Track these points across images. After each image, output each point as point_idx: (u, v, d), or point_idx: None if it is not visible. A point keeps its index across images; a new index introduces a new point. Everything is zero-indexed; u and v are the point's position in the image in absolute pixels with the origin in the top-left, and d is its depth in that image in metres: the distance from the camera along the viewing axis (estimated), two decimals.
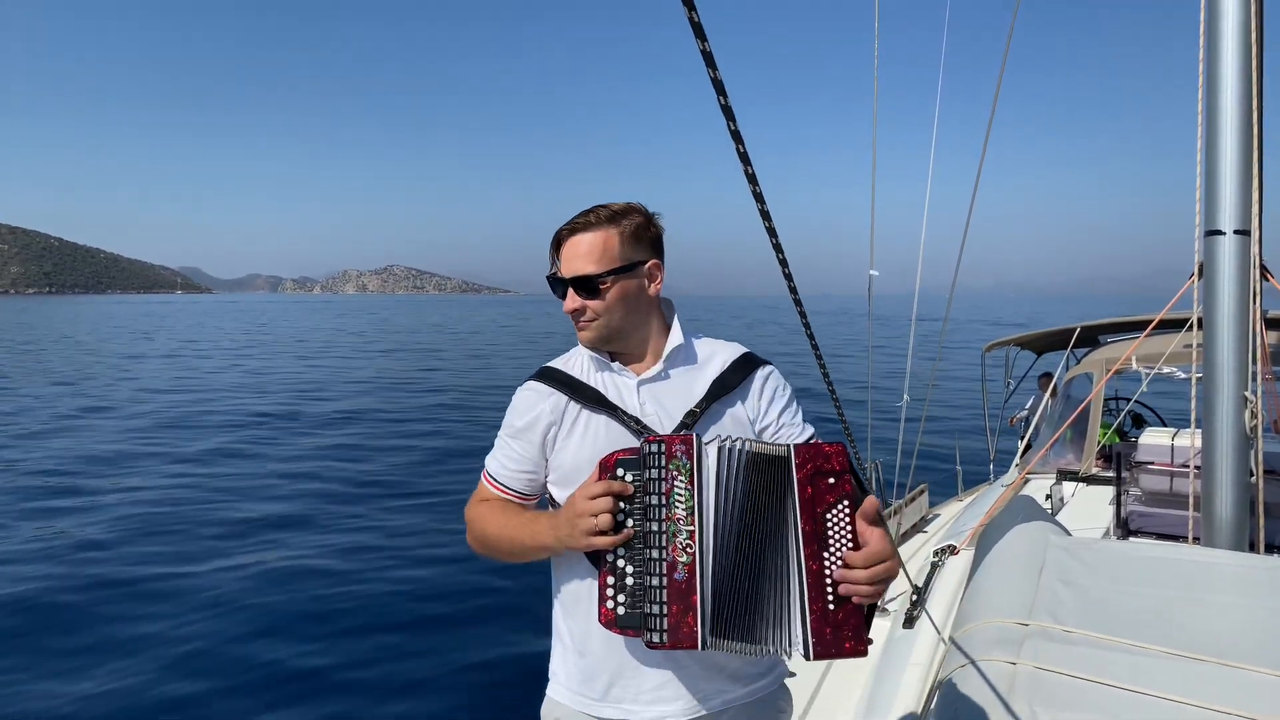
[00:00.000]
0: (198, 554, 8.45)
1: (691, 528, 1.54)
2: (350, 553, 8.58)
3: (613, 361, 1.80)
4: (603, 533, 1.55)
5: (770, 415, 1.84)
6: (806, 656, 1.53)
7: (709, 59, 0.84)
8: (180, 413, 18.40)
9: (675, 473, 1.55)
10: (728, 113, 0.93)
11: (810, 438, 1.86)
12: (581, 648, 1.76)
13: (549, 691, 1.84)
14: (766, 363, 1.89)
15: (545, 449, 1.78)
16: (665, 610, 1.53)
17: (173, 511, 10.06)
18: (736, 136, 0.98)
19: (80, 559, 8.21)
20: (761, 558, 1.57)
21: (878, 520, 1.55)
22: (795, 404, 1.89)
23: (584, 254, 1.72)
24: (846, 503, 1.56)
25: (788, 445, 1.59)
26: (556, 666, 1.84)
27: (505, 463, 1.81)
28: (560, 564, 1.80)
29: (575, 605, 1.76)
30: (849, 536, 1.55)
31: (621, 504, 1.58)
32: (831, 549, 1.55)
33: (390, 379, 26.15)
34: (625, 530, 1.55)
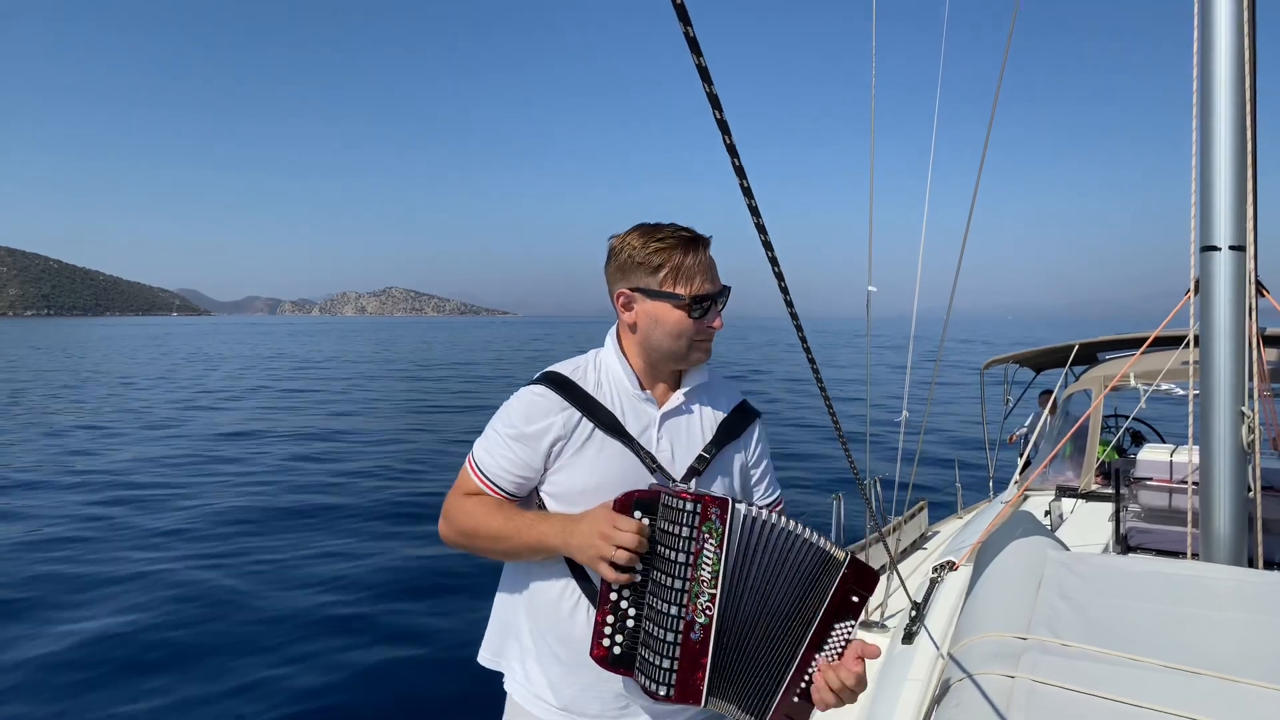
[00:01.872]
0: None
1: (714, 591, 1.56)
2: None
3: (643, 389, 1.79)
4: (618, 567, 1.56)
5: (758, 469, 1.90)
6: None
7: (704, 73, 0.85)
8: None
9: (707, 535, 1.56)
10: (723, 126, 0.94)
11: (778, 496, 1.95)
12: (549, 658, 1.75)
13: (507, 687, 1.84)
14: (759, 413, 1.95)
15: (546, 460, 1.74)
16: (675, 666, 1.57)
17: None
18: (731, 150, 0.98)
19: None
20: (773, 634, 1.59)
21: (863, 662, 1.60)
22: (770, 461, 1.96)
23: (717, 270, 1.77)
24: (853, 623, 1.61)
25: (849, 552, 1.61)
26: (514, 664, 1.82)
27: (501, 462, 1.75)
28: (534, 569, 1.78)
29: (552, 616, 1.75)
30: (839, 652, 1.60)
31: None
32: (824, 653, 1.60)
33: None
34: (631, 574, 1.57)
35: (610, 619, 1.60)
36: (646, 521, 1.57)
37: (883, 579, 4.68)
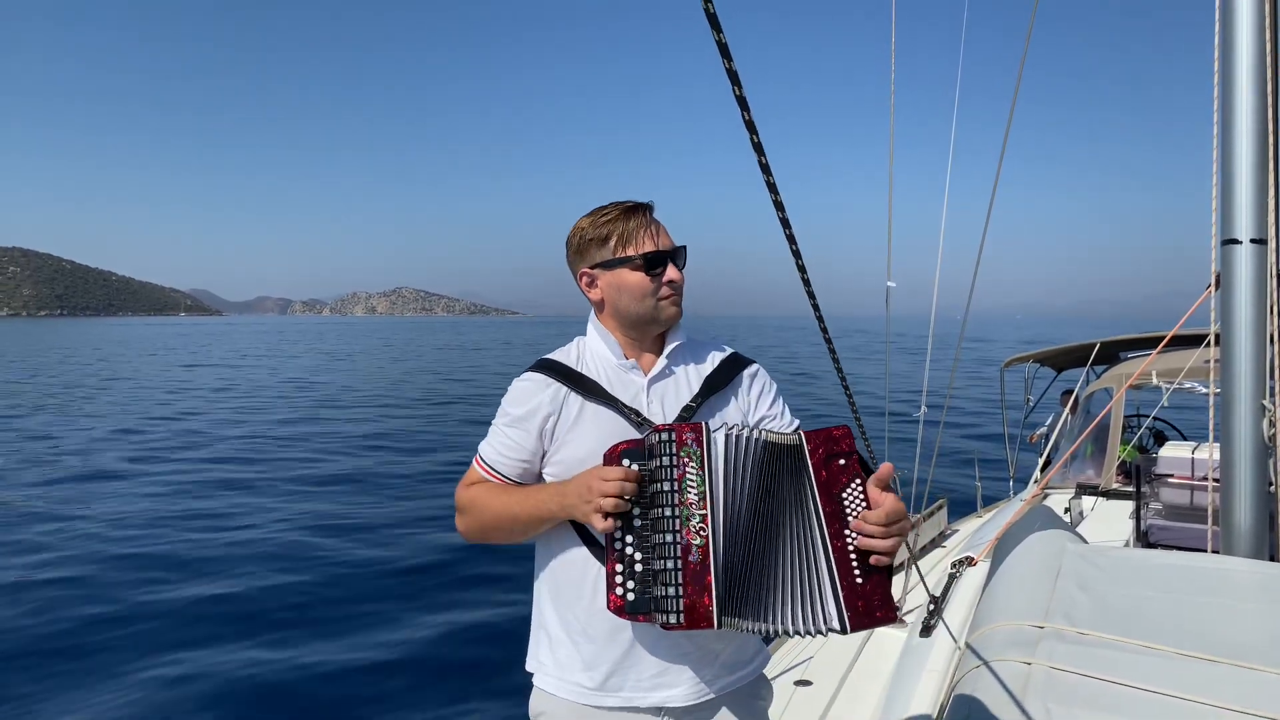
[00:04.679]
0: None
1: (704, 511, 1.59)
2: None
3: (627, 358, 1.84)
4: (609, 515, 1.58)
5: (760, 410, 1.92)
6: (843, 631, 1.58)
7: (724, 49, 0.87)
8: None
9: (686, 459, 1.59)
10: (742, 103, 0.96)
11: (796, 429, 1.92)
12: (580, 638, 1.77)
13: (536, 682, 1.85)
14: (752, 361, 1.97)
15: (543, 439, 1.80)
16: (681, 592, 1.57)
17: None
18: (750, 126, 1.01)
19: None
20: (776, 540, 1.62)
21: (890, 487, 1.61)
22: (781, 399, 1.97)
23: (667, 231, 1.83)
24: (859, 480, 1.62)
25: (798, 433, 1.65)
26: (544, 657, 1.84)
27: (501, 450, 1.82)
28: (555, 554, 1.81)
29: (576, 596, 1.77)
30: (863, 509, 1.60)
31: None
32: (851, 525, 1.60)
33: None
34: (620, 521, 1.60)
35: (619, 566, 1.62)
36: (635, 468, 1.61)
37: (901, 575, 4.68)
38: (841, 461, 1.62)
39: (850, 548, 1.59)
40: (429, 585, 8.32)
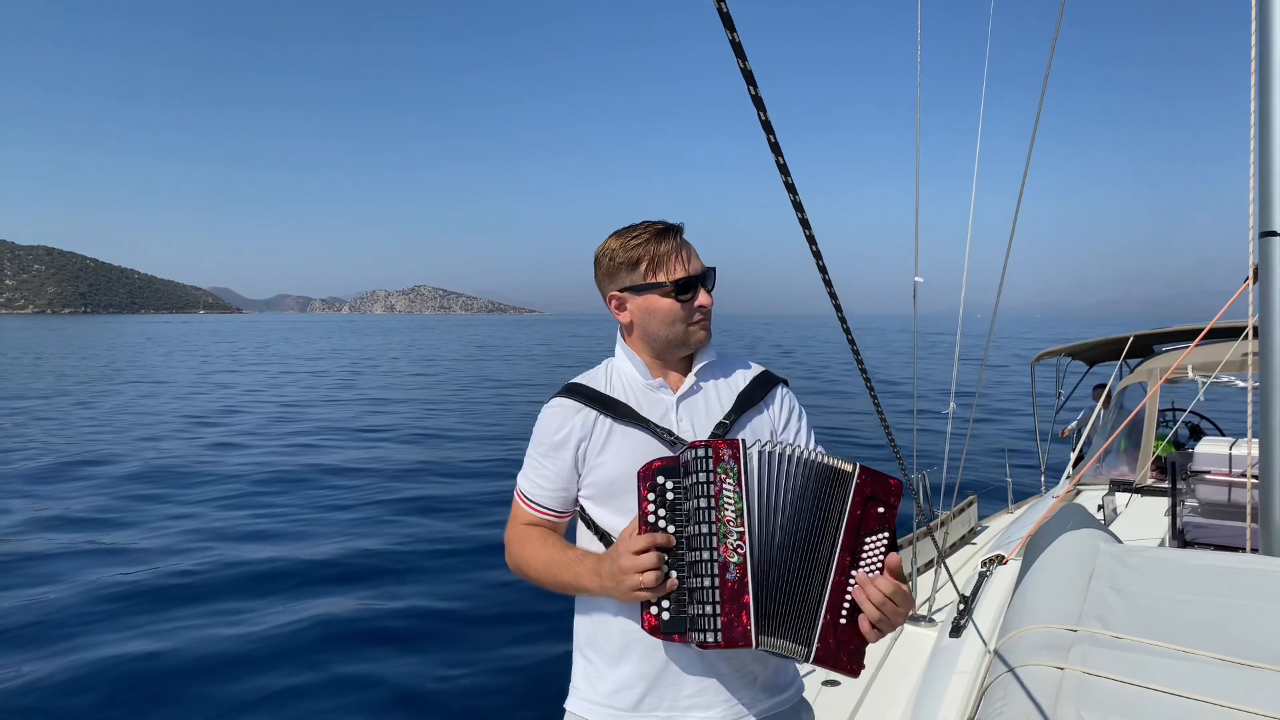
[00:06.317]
0: None
1: (741, 529, 1.57)
2: None
3: (655, 378, 1.83)
4: (645, 587, 1.57)
5: (789, 433, 1.90)
6: (806, 659, 1.58)
7: (738, 49, 0.86)
8: None
9: (723, 475, 1.58)
10: (758, 101, 0.96)
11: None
12: (616, 660, 1.76)
13: (568, 706, 1.84)
14: (783, 380, 1.95)
15: (578, 465, 1.79)
16: (718, 610, 1.56)
17: None
18: (768, 125, 1.00)
19: None
20: (806, 560, 1.60)
21: (899, 575, 1.60)
22: (805, 423, 1.94)
23: (697, 253, 1.82)
24: (887, 536, 1.60)
25: (855, 462, 1.61)
26: (579, 681, 1.84)
27: (539, 481, 1.82)
28: None
29: (612, 617, 1.77)
30: (878, 567, 1.59)
31: (662, 508, 1.60)
32: (861, 570, 1.58)
33: None
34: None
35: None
36: (670, 485, 1.59)
37: (930, 573, 4.64)
38: (881, 510, 1.59)
39: (849, 589, 1.58)
40: None
